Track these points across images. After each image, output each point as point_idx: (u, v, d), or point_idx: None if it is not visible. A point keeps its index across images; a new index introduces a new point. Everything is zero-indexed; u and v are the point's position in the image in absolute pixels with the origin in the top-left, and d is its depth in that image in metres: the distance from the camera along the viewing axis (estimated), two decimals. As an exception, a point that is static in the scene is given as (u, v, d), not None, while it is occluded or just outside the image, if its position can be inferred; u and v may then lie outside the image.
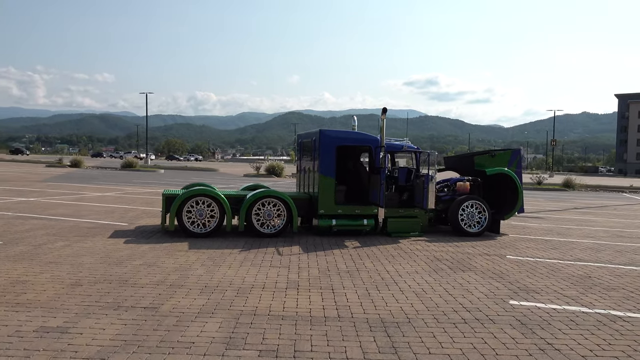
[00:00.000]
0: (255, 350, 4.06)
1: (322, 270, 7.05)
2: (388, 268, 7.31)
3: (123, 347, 4.04)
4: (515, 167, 11.30)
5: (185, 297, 5.50)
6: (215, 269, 6.89)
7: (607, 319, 5.22)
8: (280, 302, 5.43)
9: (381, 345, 4.26)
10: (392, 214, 10.42)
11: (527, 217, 14.75)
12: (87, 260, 7.14)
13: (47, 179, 25.01)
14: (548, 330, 4.80)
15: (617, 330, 4.85)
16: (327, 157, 9.88)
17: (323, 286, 6.18)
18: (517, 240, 10.27)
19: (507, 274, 7.15)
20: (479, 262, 7.96)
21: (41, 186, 20.19)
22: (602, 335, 4.70)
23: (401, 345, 4.29)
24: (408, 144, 10.94)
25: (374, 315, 5.08)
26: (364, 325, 4.76)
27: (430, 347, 4.28)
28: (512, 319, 5.10)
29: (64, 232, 9.34)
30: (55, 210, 12.58)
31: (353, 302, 5.55)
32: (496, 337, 4.55)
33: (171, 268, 6.84)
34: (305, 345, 4.22)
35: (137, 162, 41.33)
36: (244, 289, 5.93)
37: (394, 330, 4.65)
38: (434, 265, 7.57)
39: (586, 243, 10.24)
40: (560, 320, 5.12)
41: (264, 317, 4.92)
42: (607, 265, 8.00)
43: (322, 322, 4.82)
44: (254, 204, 9.54)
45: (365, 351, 4.13)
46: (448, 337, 4.53)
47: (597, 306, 5.67)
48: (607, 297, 6.06)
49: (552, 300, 5.87)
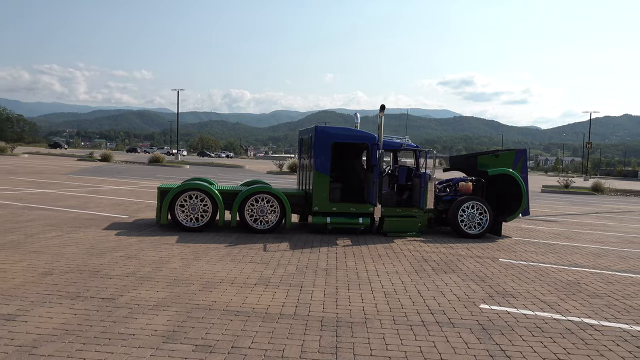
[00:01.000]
0: (191, 345, 4.01)
1: (300, 267, 6.97)
2: (369, 267, 7.17)
3: (61, 336, 4.05)
4: (520, 167, 10.96)
5: (149, 289, 5.51)
6: (192, 262, 6.89)
7: (577, 327, 4.97)
8: (242, 298, 5.37)
9: (324, 345, 4.16)
10: (390, 213, 10.24)
11: (539, 220, 14.32)
12: (70, 250, 7.25)
13: (72, 172, 25.65)
14: (508, 336, 4.60)
15: (582, 340, 4.62)
16: (323, 154, 9.78)
17: (293, 283, 6.10)
18: (518, 243, 9.96)
19: (491, 277, 6.92)
20: (467, 264, 7.74)
21: (64, 179, 20.71)
22: (564, 344, 4.47)
23: (345, 345, 4.17)
24: (408, 142, 10.73)
25: (331, 315, 4.97)
26: (316, 324, 4.66)
27: (375, 348, 4.15)
28: (474, 324, 4.91)
29: (62, 223, 9.52)
30: (64, 202, 12.86)
31: (316, 300, 5.45)
32: (448, 342, 4.39)
33: (149, 261, 6.87)
34: (246, 341, 4.15)
35: (163, 158, 42.01)
36: (211, 283, 5.90)
37: (344, 331, 4.53)
38: (418, 266, 7.39)
39: (591, 248, 9.85)
40: (526, 326, 4.91)
41: (218, 311, 4.88)
42: (602, 272, 7.66)
43: (274, 319, 4.74)
44: (246, 199, 9.52)
45: (304, 350, 4.03)
46: (398, 339, 4.39)
47: (573, 313, 5.42)
48: (587, 304, 5.79)
49: (527, 305, 5.64)
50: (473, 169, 11.14)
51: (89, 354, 3.76)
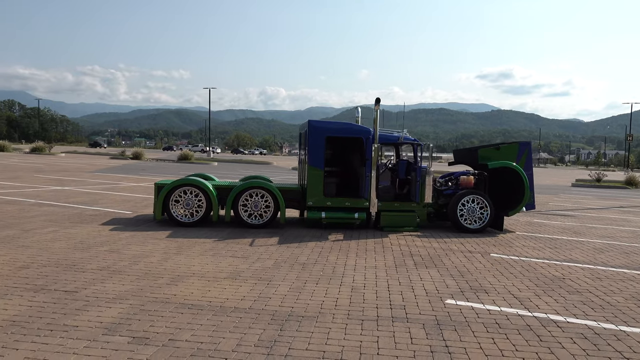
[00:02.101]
0: (129, 337, 4.06)
1: (278, 261, 6.96)
2: (349, 262, 7.10)
3: (6, 327, 4.16)
4: (524, 161, 10.64)
5: (116, 283, 5.59)
6: (172, 257, 6.97)
7: (538, 323, 4.79)
8: (204, 292, 5.40)
9: (263, 339, 4.13)
10: (387, 208, 10.12)
11: (554, 215, 13.89)
12: (57, 245, 7.44)
13: (99, 170, 26.36)
14: (460, 332, 4.47)
15: (538, 336, 4.44)
16: (316, 148, 9.73)
17: (263, 277, 6.09)
18: (519, 238, 9.67)
19: (472, 272, 6.74)
20: (454, 259, 7.56)
21: (87, 176, 21.31)
22: (516, 341, 4.31)
23: (284, 340, 4.14)
24: (406, 135, 10.56)
25: (285, 309, 4.94)
26: (266, 319, 4.64)
27: (313, 343, 4.10)
28: (430, 319, 4.79)
29: (63, 219, 9.79)
30: (76, 198, 13.23)
31: (278, 294, 5.42)
32: (394, 337, 4.29)
33: (130, 255, 6.99)
34: (185, 334, 4.17)
35: (192, 155, 42.77)
36: (181, 277, 5.96)
37: (291, 325, 4.49)
38: (400, 261, 7.27)
39: (597, 243, 9.47)
40: (485, 322, 4.76)
41: (173, 305, 4.92)
42: (595, 267, 7.36)
43: (225, 313, 4.74)
44: (240, 194, 9.57)
45: (240, 344, 4.02)
46: (342, 334, 4.33)
47: (541, 310, 5.22)
48: (561, 301, 5.57)
49: (496, 301, 5.47)
50: (475, 162, 10.89)
51: (24, 344, 3.84)
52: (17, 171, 22.56)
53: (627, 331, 4.65)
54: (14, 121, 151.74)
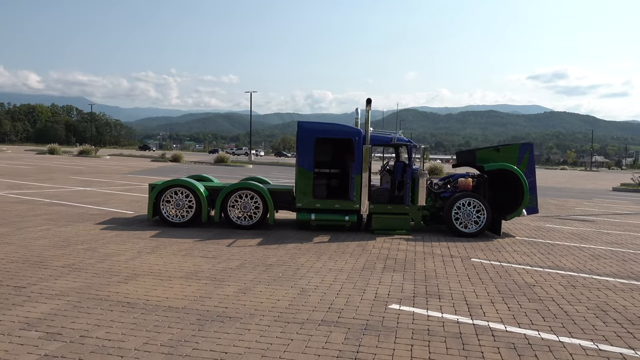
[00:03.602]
0: (43, 333, 4.13)
1: (245, 262, 6.95)
2: (317, 264, 7.01)
3: None
4: (526, 163, 10.22)
5: (69, 280, 5.73)
6: (142, 256, 7.09)
7: (473, 331, 4.56)
8: (149, 290, 5.45)
9: (173, 339, 4.12)
10: (379, 210, 9.94)
11: (571, 220, 13.29)
12: (39, 242, 7.71)
13: (133, 172, 27.19)
14: (382, 338, 4.32)
15: (463, 345, 4.23)
16: (305, 149, 9.68)
17: (217, 278, 6.09)
18: (514, 243, 9.29)
19: (439, 278, 6.51)
20: (429, 263, 7.34)
21: (116, 178, 22.02)
22: (437, 348, 4.13)
23: (194, 340, 4.12)
24: (399, 136, 10.34)
25: (218, 310, 4.92)
26: (192, 318, 4.64)
27: (222, 344, 4.06)
28: (360, 324, 4.65)
29: (63, 218, 10.14)
30: (90, 198, 13.68)
31: (221, 294, 5.41)
32: (308, 340, 4.19)
33: (103, 253, 7.15)
34: (99, 331, 4.21)
35: (228, 158, 43.50)
36: (137, 275, 6.04)
37: (212, 325, 4.47)
38: (371, 264, 7.11)
39: (599, 250, 8.98)
40: (415, 328, 4.58)
41: (108, 302, 4.98)
42: (578, 275, 6.96)
43: (154, 312, 4.77)
44: (229, 195, 9.64)
45: (147, 343, 4.02)
46: (257, 336, 4.26)
47: (487, 317, 4.98)
48: (515, 309, 5.29)
49: (443, 307, 5.26)
50: (473, 164, 10.55)
51: (-61, 336, 3.99)
52: (55, 172, 23.59)
53: (566, 342, 4.37)
54: (71, 126, 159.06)
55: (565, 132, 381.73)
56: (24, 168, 26.04)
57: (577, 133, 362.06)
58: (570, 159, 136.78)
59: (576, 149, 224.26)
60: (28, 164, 30.52)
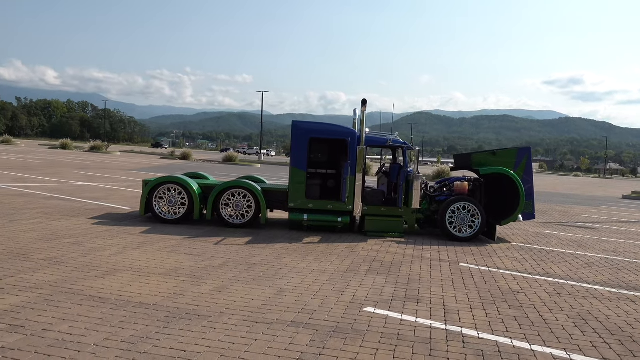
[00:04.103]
0: (6, 325, 4.12)
1: (228, 261, 6.90)
2: (301, 265, 6.94)
3: None
4: (523, 167, 10.06)
5: (46, 273, 5.72)
6: (126, 251, 7.08)
7: (444, 337, 4.46)
8: (124, 286, 5.42)
9: (135, 335, 4.08)
10: (373, 212, 9.85)
11: (573, 227, 13.08)
12: (28, 235, 7.73)
13: (140, 169, 27.34)
14: (349, 341, 4.24)
15: (431, 350, 4.14)
16: (299, 149, 9.62)
17: (196, 275, 6.05)
18: (508, 249, 9.15)
19: (422, 282, 6.42)
20: (415, 267, 7.24)
21: (122, 174, 22.14)
22: (400, 353, 4.04)
23: (156, 337, 4.07)
24: (395, 138, 10.23)
25: (189, 307, 4.87)
26: (160, 315, 4.59)
27: (183, 342, 4.01)
28: (330, 326, 4.58)
29: (58, 212, 10.18)
30: (90, 194, 13.74)
31: (196, 292, 5.37)
32: (273, 341, 4.13)
33: (88, 248, 7.15)
34: (62, 325, 4.18)
35: (236, 157, 43.61)
36: (116, 271, 6.02)
37: (178, 323, 4.42)
38: (355, 267, 7.03)
39: (593, 257, 8.81)
40: (385, 332, 4.49)
41: (79, 296, 4.96)
42: (567, 282, 6.83)
43: (124, 307, 4.73)
44: (222, 193, 9.61)
45: (108, 338, 3.98)
46: (222, 335, 4.20)
47: (462, 323, 4.87)
48: (493, 315, 5.18)
49: (420, 312, 5.17)
50: (469, 167, 10.42)
51: None
52: (62, 167, 23.79)
53: (538, 351, 4.26)
54: (86, 122, 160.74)
55: (580, 139, 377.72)
56: (33, 162, 26.30)
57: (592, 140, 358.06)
58: (584, 166, 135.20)
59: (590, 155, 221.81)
60: (38, 158, 30.84)
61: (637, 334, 4.85)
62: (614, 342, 4.58)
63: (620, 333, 4.84)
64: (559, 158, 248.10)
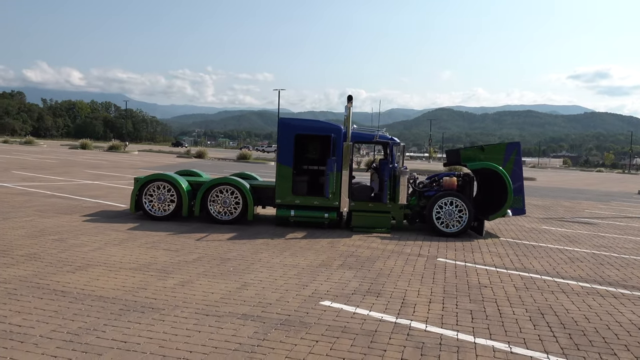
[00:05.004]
0: (-38, 317, 4.29)
1: (203, 256, 7.02)
2: (275, 260, 7.02)
3: None
4: (512, 162, 9.98)
5: (19, 268, 5.89)
6: (106, 247, 7.24)
7: (390, 329, 4.49)
8: (91, 280, 5.57)
9: (82, 327, 4.20)
10: (360, 208, 9.88)
11: (572, 222, 12.90)
12: (15, 232, 7.96)
13: (152, 167, 27.75)
14: (293, 333, 4.30)
15: (371, 342, 4.17)
16: (285, 145, 9.69)
17: (166, 270, 6.17)
18: (492, 244, 9.09)
19: (391, 276, 6.44)
20: (390, 262, 7.26)
21: (130, 172, 22.51)
22: (339, 345, 4.08)
23: (102, 329, 4.19)
24: (381, 133, 10.23)
25: (147, 300, 4.99)
26: (114, 308, 4.72)
27: (128, 333, 4.12)
28: (279, 319, 4.65)
29: (52, 210, 10.44)
30: (91, 192, 14.05)
31: (159, 286, 5.48)
32: (216, 333, 4.21)
33: (69, 244, 7.34)
34: (15, 318, 4.32)
35: (250, 155, 43.96)
36: (89, 266, 6.18)
37: (130, 315, 4.54)
38: (329, 262, 7.08)
39: (580, 253, 8.71)
40: (333, 325, 4.54)
41: (43, 290, 5.12)
42: (540, 277, 6.77)
43: (81, 301, 4.87)
44: (210, 190, 9.74)
45: (55, 330, 4.11)
46: (167, 327, 4.30)
47: (415, 316, 4.89)
48: (450, 309, 5.19)
49: (376, 305, 5.19)
50: (459, 162, 10.37)
51: None
52: (75, 166, 24.30)
53: (480, 344, 4.26)
54: (109, 122, 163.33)
55: (606, 134, 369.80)
56: (48, 162, 26.91)
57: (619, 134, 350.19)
58: (608, 161, 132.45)
59: (616, 150, 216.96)
60: (55, 158, 31.52)
61: (591, 328, 4.80)
62: (562, 335, 4.55)
63: (573, 327, 4.80)
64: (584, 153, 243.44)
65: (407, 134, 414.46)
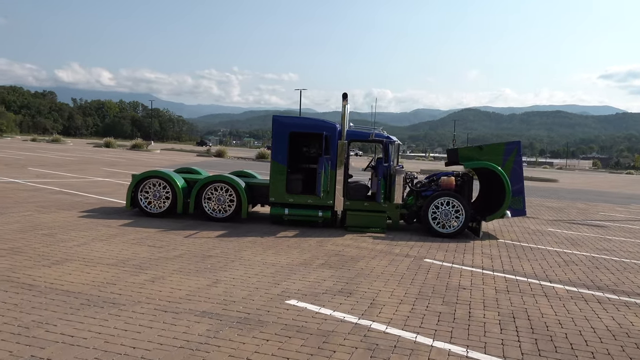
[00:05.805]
0: None
1: (184, 253, 7.01)
2: (256, 258, 6.97)
3: None
4: (512, 162, 9.72)
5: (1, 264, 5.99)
6: (92, 242, 7.30)
7: (347, 330, 4.39)
8: (63, 275, 5.60)
9: (41, 321, 4.20)
10: (355, 207, 9.76)
11: (581, 225, 12.53)
12: (10, 227, 8.08)
13: (171, 166, 28.03)
14: (247, 331, 4.24)
15: (323, 342, 4.08)
16: (280, 144, 9.64)
17: (143, 266, 6.18)
18: (488, 246, 8.86)
19: (369, 276, 6.31)
20: (374, 262, 7.13)
21: (142, 170, 22.73)
22: (291, 345, 4.00)
23: (55, 322, 4.19)
24: (377, 132, 10.08)
25: (111, 296, 4.98)
26: (75, 302, 4.72)
27: (81, 328, 4.10)
28: (237, 316, 4.59)
29: (54, 205, 10.60)
30: (98, 189, 14.23)
31: (129, 282, 5.48)
32: (167, 330, 4.17)
33: (57, 239, 7.41)
34: (-26, 310, 4.37)
35: (269, 154, 44.01)
36: (66, 260, 6.22)
37: (87, 310, 4.54)
38: (312, 260, 7.00)
39: (577, 256, 8.43)
40: (290, 324, 4.46)
41: (10, 284, 5.16)
42: (527, 280, 6.56)
43: (46, 294, 4.89)
44: (204, 187, 9.75)
45: (7, 322, 4.13)
46: (122, 323, 4.28)
47: (379, 318, 4.77)
48: (418, 311, 5.05)
49: (343, 305, 5.09)
50: (457, 162, 10.15)
51: None
52: (92, 164, 24.72)
53: (437, 347, 4.12)
54: (137, 121, 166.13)
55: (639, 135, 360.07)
56: (68, 159, 27.44)
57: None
58: (639, 163, 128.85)
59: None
60: (77, 155, 32.13)
61: (561, 333, 4.61)
62: (528, 341, 4.38)
63: (542, 332, 4.61)
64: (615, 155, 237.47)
65: (433, 134, 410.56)
